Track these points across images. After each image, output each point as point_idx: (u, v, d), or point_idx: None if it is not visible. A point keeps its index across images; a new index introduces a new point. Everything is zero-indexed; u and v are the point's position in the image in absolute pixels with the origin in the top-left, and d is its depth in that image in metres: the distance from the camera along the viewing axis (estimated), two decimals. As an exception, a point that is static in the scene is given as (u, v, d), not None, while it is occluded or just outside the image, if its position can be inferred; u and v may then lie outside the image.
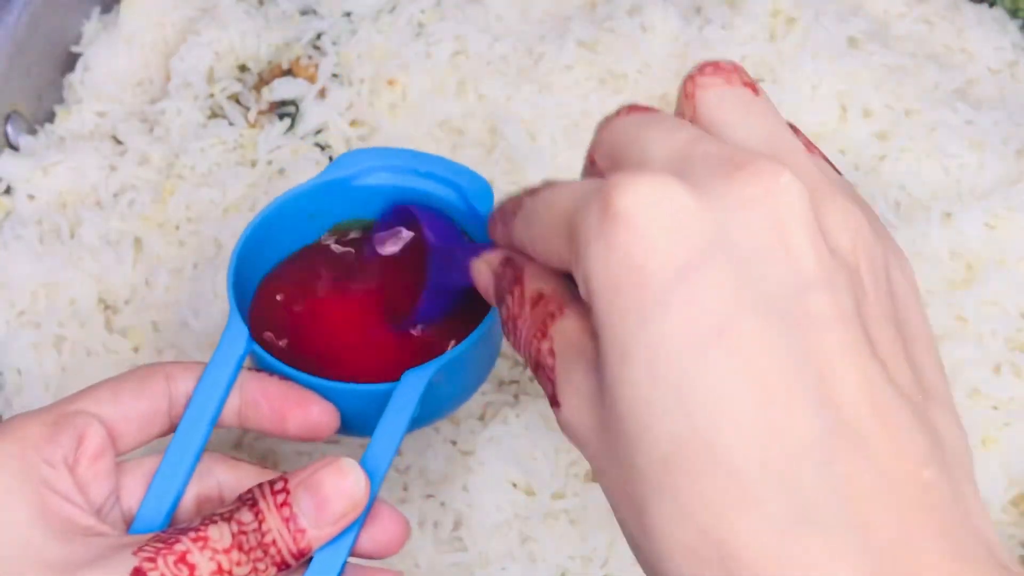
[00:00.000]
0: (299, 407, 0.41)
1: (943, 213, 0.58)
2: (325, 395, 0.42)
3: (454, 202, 0.46)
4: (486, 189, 0.46)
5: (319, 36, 0.69)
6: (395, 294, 0.46)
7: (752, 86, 0.33)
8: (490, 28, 0.67)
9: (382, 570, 0.40)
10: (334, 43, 0.68)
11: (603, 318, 0.28)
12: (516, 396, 0.56)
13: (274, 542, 0.36)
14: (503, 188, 0.53)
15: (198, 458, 0.41)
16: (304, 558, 0.37)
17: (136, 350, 0.60)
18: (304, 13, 0.71)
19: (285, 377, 0.42)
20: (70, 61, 0.72)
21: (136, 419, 0.40)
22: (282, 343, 0.45)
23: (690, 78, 0.33)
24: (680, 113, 0.33)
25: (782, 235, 0.27)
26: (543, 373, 0.32)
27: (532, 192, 0.33)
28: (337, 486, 0.37)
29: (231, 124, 0.67)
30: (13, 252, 0.62)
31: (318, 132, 0.65)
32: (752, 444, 0.26)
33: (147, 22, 0.72)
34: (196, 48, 0.70)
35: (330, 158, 0.65)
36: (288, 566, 0.37)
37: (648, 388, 0.27)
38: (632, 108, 0.34)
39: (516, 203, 0.35)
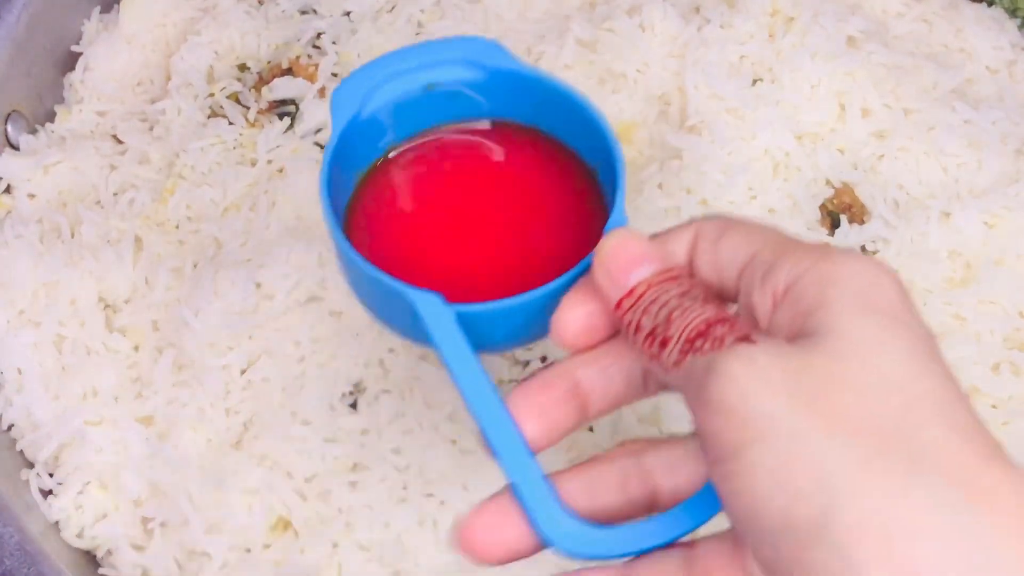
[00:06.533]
0: None
1: (942, 212, 0.58)
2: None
3: (470, 77, 0.43)
4: (492, 46, 0.43)
5: (319, 35, 0.69)
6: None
7: None
8: (489, 27, 0.67)
9: None
10: (334, 42, 0.68)
11: None
12: (516, 395, 0.56)
13: None
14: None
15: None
16: None
17: (136, 349, 0.60)
18: (304, 13, 0.71)
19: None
20: (70, 61, 0.72)
21: None
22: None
23: None
24: None
25: None
26: None
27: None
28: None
29: (231, 123, 0.67)
30: (13, 251, 0.62)
31: (318, 131, 0.65)
32: None
33: (147, 22, 0.73)
34: (196, 48, 0.70)
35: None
36: None
37: None
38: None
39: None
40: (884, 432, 0.28)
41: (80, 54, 0.72)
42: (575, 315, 0.37)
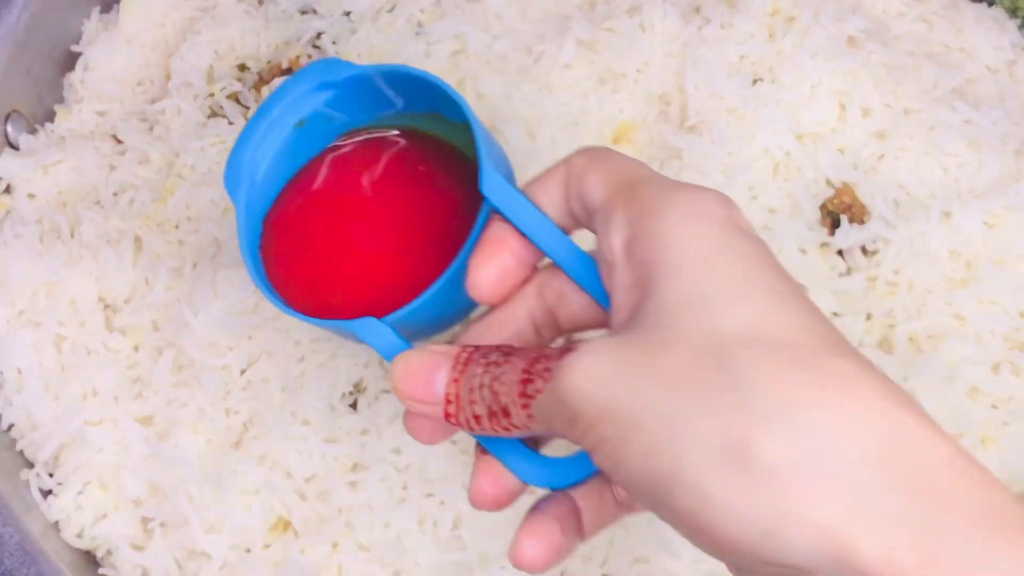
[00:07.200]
0: None
1: (942, 212, 0.58)
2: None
3: (327, 97, 0.46)
4: (335, 62, 0.45)
5: (319, 35, 0.69)
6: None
7: None
8: (489, 27, 0.67)
9: None
10: (334, 42, 0.68)
11: None
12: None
13: None
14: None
15: None
16: None
17: (136, 349, 0.60)
18: (304, 12, 0.71)
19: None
20: (70, 60, 0.72)
21: None
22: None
23: None
24: None
25: None
26: None
27: None
28: None
29: (231, 123, 0.67)
30: (13, 251, 0.62)
31: (318, 131, 0.65)
32: None
33: (147, 22, 0.72)
34: (196, 48, 0.70)
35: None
36: None
37: None
38: None
39: None
40: (709, 375, 0.30)
41: (80, 54, 0.72)
42: (486, 272, 0.39)
